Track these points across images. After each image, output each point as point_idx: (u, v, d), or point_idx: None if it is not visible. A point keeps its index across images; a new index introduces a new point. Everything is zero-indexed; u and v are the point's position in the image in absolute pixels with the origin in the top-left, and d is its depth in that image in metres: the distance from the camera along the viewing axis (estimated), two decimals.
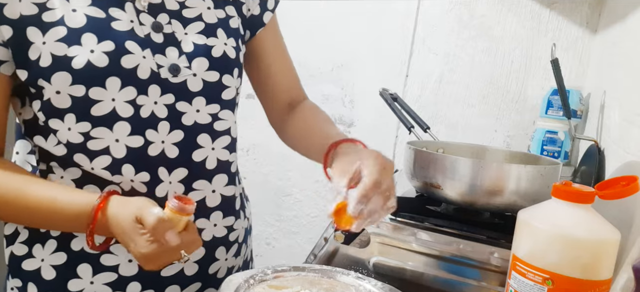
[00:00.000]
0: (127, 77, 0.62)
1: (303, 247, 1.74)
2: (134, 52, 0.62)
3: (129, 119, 0.63)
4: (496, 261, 0.74)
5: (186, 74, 0.66)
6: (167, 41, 0.65)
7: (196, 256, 0.71)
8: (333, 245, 0.82)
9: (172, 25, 0.66)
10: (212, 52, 0.68)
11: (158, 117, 0.65)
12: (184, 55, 0.66)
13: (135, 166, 0.65)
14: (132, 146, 0.64)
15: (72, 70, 0.59)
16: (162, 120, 0.65)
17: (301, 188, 1.72)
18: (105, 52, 0.60)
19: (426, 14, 1.50)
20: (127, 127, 0.63)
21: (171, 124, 0.66)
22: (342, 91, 1.62)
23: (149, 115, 0.64)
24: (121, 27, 0.62)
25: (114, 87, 0.61)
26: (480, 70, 1.45)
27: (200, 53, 0.67)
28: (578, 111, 1.25)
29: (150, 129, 0.64)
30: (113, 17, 0.62)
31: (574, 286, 0.51)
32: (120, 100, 0.62)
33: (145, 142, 0.64)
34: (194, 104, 0.67)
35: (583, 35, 1.35)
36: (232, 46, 0.71)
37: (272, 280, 0.62)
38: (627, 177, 0.53)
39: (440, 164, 0.81)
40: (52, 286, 0.67)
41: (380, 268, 0.80)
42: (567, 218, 0.53)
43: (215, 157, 0.71)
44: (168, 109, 0.65)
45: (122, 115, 0.63)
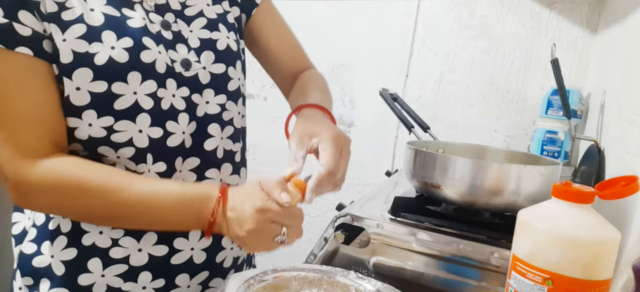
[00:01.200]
0: (146, 72, 0.65)
1: (303, 247, 1.74)
2: (150, 48, 0.65)
3: (149, 111, 0.66)
4: (496, 261, 0.74)
5: (197, 68, 0.69)
6: (176, 38, 0.69)
7: (204, 244, 0.74)
8: (333, 245, 0.82)
9: (178, 23, 0.70)
10: (217, 45, 0.72)
11: (177, 109, 0.68)
12: (192, 51, 0.70)
13: (154, 156, 0.68)
14: (154, 136, 0.67)
15: (94, 67, 0.61)
16: (182, 112, 0.68)
17: None
18: (125, 48, 0.63)
19: (426, 14, 1.50)
20: (148, 118, 0.66)
21: (189, 115, 0.69)
22: (342, 91, 1.62)
23: (168, 107, 0.67)
24: (136, 25, 0.65)
25: (135, 81, 0.64)
26: (480, 70, 1.46)
27: (206, 47, 0.71)
28: (578, 111, 1.25)
29: (170, 120, 0.68)
30: (127, 16, 0.65)
31: (574, 286, 0.51)
32: (141, 94, 0.65)
33: (165, 133, 0.67)
34: (205, 95, 0.71)
35: (583, 35, 1.35)
36: (233, 39, 0.75)
37: (272, 280, 0.62)
38: (627, 177, 0.53)
39: (440, 164, 0.81)
40: (64, 281, 0.68)
41: (380, 268, 0.79)
42: (567, 218, 0.53)
43: (223, 147, 0.74)
44: (185, 102, 0.69)
45: (144, 108, 0.65)
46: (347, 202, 1.01)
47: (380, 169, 1.57)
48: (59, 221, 0.68)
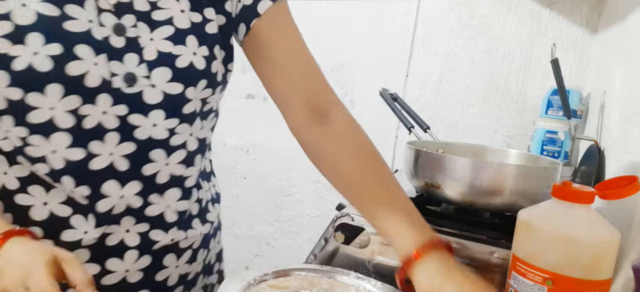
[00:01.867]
0: (71, 85, 0.56)
1: (303, 247, 1.74)
2: (83, 58, 0.56)
3: (69, 130, 0.58)
4: (496, 261, 0.74)
5: (143, 85, 0.60)
6: (128, 46, 0.59)
7: (141, 265, 0.67)
8: (333, 245, 0.82)
9: (138, 28, 0.60)
10: (177, 61, 0.62)
11: (106, 128, 0.59)
12: (144, 64, 0.60)
13: (75, 179, 0.60)
14: (72, 158, 0.59)
15: (12, 72, 0.54)
16: (111, 132, 0.60)
17: (301, 188, 1.72)
18: (51, 56, 0.54)
19: (426, 14, 1.50)
20: (66, 138, 0.58)
21: (122, 135, 0.60)
22: (342, 91, 1.62)
23: (94, 126, 0.59)
24: (75, 28, 0.56)
25: (54, 95, 0.56)
26: (480, 70, 1.46)
27: (163, 62, 0.61)
28: (578, 111, 1.25)
29: (95, 140, 0.59)
30: (68, 16, 0.56)
31: (574, 286, 0.51)
32: (60, 110, 0.57)
33: (88, 155, 0.59)
34: (151, 117, 0.61)
35: (583, 35, 1.35)
36: (202, 56, 0.64)
37: (272, 280, 0.62)
38: (627, 177, 0.53)
39: (440, 164, 0.81)
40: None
41: (380, 268, 0.79)
42: (567, 218, 0.53)
43: (169, 172, 0.66)
44: (119, 120, 0.60)
45: (60, 126, 0.57)
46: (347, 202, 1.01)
47: None
48: None
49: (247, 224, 1.81)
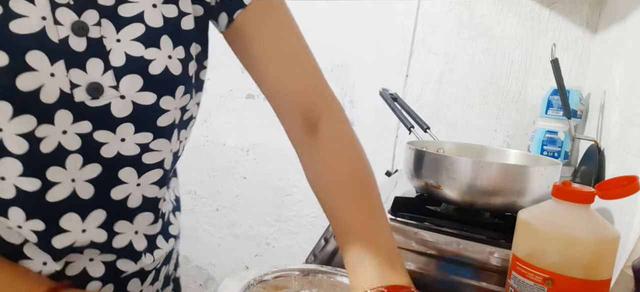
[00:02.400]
0: (22, 103, 0.45)
1: (303, 247, 1.74)
2: (37, 69, 0.45)
3: (21, 156, 0.47)
4: (496, 261, 0.74)
5: (111, 96, 0.50)
6: (90, 49, 0.48)
7: (107, 290, 0.58)
8: (333, 245, 0.82)
9: (102, 27, 0.49)
10: (150, 68, 0.51)
11: (67, 150, 0.49)
12: (110, 71, 0.49)
13: (26, 211, 0.50)
14: (25, 188, 0.48)
15: None
16: (73, 154, 0.50)
17: (301, 188, 1.72)
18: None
19: (426, 14, 1.50)
20: (17, 166, 0.47)
21: (85, 157, 0.50)
22: (342, 91, 1.62)
23: (52, 149, 0.48)
24: (24, 30, 0.44)
25: (2, 116, 0.45)
26: (480, 70, 1.46)
27: (133, 69, 0.51)
28: (578, 111, 1.25)
29: (54, 166, 0.49)
30: (15, 14, 0.44)
31: (574, 286, 0.51)
32: (9, 133, 0.46)
33: (45, 185, 0.49)
34: (119, 132, 0.52)
35: (583, 35, 1.35)
36: (178, 58, 0.54)
37: (272, 280, 0.62)
38: (627, 177, 0.53)
39: (440, 164, 0.81)
40: None
41: None
42: (567, 218, 0.53)
43: (141, 194, 0.57)
44: (82, 140, 0.50)
45: (11, 151, 0.46)
46: None
47: (380, 169, 1.56)
48: None
49: (247, 224, 1.81)
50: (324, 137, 0.61)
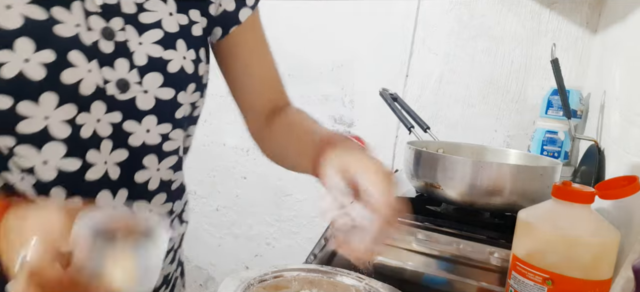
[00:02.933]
0: (66, 94, 0.53)
1: (303, 247, 1.74)
2: (77, 65, 0.53)
3: (65, 140, 0.55)
4: (496, 261, 0.74)
5: (136, 91, 0.58)
6: (117, 51, 0.56)
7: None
8: (333, 245, 0.82)
9: (126, 32, 0.57)
10: (168, 67, 0.60)
11: (101, 136, 0.57)
12: (135, 69, 0.58)
13: (67, 190, 0.57)
14: (66, 169, 0.56)
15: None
16: (105, 139, 0.58)
17: (301, 188, 1.72)
18: (44, 64, 0.51)
19: (426, 14, 1.50)
20: (61, 148, 0.55)
21: (114, 143, 0.59)
22: (342, 91, 1.62)
23: (90, 135, 0.56)
24: (65, 33, 0.52)
25: (49, 104, 0.53)
26: (480, 70, 1.46)
27: (154, 67, 0.59)
28: (578, 111, 1.25)
29: (91, 149, 0.57)
30: (56, 20, 0.52)
31: (574, 286, 0.51)
32: (55, 119, 0.54)
33: (84, 165, 0.57)
34: (144, 123, 0.60)
35: (583, 35, 1.35)
36: (191, 59, 0.63)
37: (272, 280, 0.62)
38: (627, 177, 0.53)
39: (440, 164, 0.81)
40: None
41: (380, 268, 0.79)
42: (567, 218, 0.53)
43: (159, 177, 0.65)
44: (113, 128, 0.58)
45: (55, 136, 0.54)
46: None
47: None
48: None
49: (247, 224, 1.81)
50: (289, 110, 0.75)
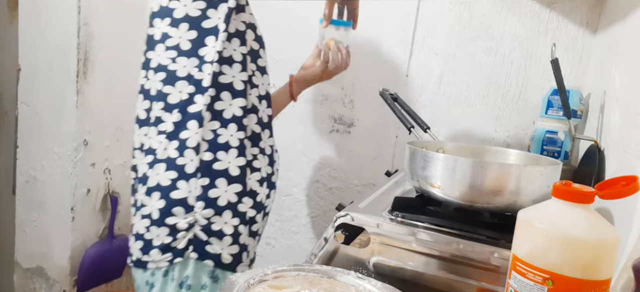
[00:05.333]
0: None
1: (303, 247, 1.74)
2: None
3: (269, 122, 1.10)
4: (496, 261, 0.74)
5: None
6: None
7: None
8: (333, 245, 0.82)
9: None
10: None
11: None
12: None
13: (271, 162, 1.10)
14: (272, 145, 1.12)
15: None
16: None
17: (301, 188, 1.72)
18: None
19: (426, 14, 1.50)
20: (268, 132, 1.10)
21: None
22: (342, 91, 1.62)
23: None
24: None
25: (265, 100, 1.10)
26: (480, 70, 1.46)
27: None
28: (578, 111, 1.25)
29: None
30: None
31: (574, 286, 0.51)
32: (265, 112, 1.09)
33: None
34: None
35: (583, 35, 1.35)
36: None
37: (272, 280, 0.62)
38: (627, 177, 0.53)
39: (440, 164, 0.81)
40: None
41: (380, 268, 0.79)
42: (567, 218, 0.53)
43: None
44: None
45: (267, 124, 1.10)
46: (347, 202, 1.01)
47: (380, 169, 1.56)
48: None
49: None
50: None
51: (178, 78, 0.95)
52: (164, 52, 0.96)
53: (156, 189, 0.95)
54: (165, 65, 0.96)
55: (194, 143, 0.93)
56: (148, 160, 0.97)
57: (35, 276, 1.77)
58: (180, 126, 0.94)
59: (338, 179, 1.67)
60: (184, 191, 0.94)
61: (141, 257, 0.97)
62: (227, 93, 0.96)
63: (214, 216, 0.95)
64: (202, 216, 0.94)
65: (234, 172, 0.96)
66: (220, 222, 0.95)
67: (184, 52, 0.95)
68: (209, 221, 0.94)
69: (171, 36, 0.96)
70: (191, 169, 0.94)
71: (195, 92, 0.94)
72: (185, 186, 0.94)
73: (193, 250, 0.94)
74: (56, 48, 1.61)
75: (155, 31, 0.98)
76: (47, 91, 1.66)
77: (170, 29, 0.96)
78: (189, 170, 0.94)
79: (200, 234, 0.94)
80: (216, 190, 0.95)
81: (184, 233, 0.94)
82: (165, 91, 0.96)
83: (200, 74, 0.94)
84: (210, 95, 0.94)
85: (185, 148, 0.94)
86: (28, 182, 1.73)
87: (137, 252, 0.98)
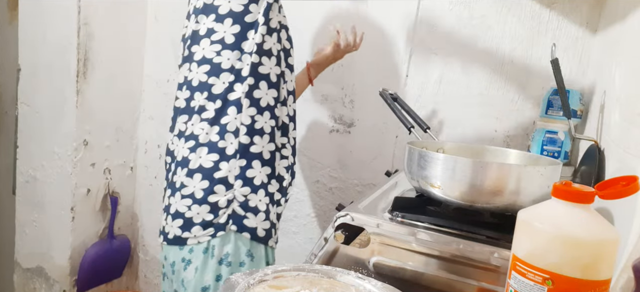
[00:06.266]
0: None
1: (303, 247, 1.74)
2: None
3: (294, 116, 1.20)
4: (496, 261, 0.74)
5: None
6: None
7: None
8: (333, 245, 0.82)
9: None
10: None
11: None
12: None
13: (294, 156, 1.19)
14: (295, 137, 1.22)
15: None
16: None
17: (301, 188, 1.72)
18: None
19: (426, 14, 1.50)
20: (293, 126, 1.20)
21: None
22: (342, 91, 1.62)
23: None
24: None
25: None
26: (480, 70, 1.46)
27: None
28: (578, 111, 1.25)
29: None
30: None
31: (574, 286, 0.51)
32: (292, 106, 1.18)
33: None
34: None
35: (583, 35, 1.35)
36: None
37: (272, 280, 0.62)
38: (627, 177, 0.53)
39: (440, 164, 0.81)
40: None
41: (380, 268, 0.79)
42: (567, 218, 0.53)
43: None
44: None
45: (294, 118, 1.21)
46: (347, 202, 1.01)
47: (380, 169, 1.56)
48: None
49: None
50: None
51: (222, 70, 1.04)
52: (209, 46, 1.05)
53: (198, 171, 1.04)
54: (210, 58, 1.05)
55: (234, 128, 1.04)
56: (189, 145, 1.06)
57: (35, 276, 1.77)
58: (221, 113, 1.05)
59: (338, 179, 1.67)
60: (224, 170, 1.04)
61: (180, 234, 1.05)
62: (264, 83, 1.07)
63: (250, 194, 1.05)
64: (240, 193, 1.05)
65: (266, 156, 1.08)
66: (255, 199, 1.06)
67: (228, 46, 1.04)
68: (246, 198, 1.05)
69: (216, 31, 1.05)
70: (231, 151, 1.04)
71: (235, 80, 1.04)
72: (226, 166, 1.04)
73: (233, 223, 1.04)
74: (56, 48, 1.61)
75: (200, 27, 1.07)
76: (47, 91, 1.66)
77: (215, 25, 1.05)
78: (229, 152, 1.04)
79: (238, 210, 1.05)
80: (252, 170, 1.06)
81: (224, 209, 1.04)
82: (210, 82, 1.05)
83: (240, 64, 1.05)
84: (249, 84, 1.05)
85: (225, 132, 1.04)
86: (28, 182, 1.73)
87: (175, 230, 1.06)
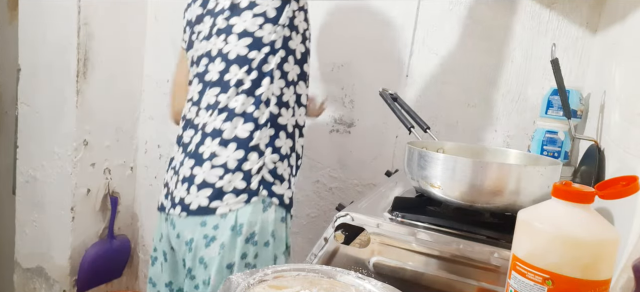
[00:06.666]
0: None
1: (303, 247, 1.74)
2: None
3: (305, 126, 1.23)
4: (496, 261, 0.74)
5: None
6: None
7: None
8: (333, 245, 0.82)
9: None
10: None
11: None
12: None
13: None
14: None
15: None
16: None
17: (301, 188, 1.72)
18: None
19: (426, 14, 1.50)
20: (300, 131, 1.22)
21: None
22: (342, 91, 1.62)
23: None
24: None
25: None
26: (480, 70, 1.46)
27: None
28: (578, 111, 1.25)
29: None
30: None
31: (574, 286, 0.51)
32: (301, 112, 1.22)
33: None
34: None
35: (583, 35, 1.35)
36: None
37: (272, 280, 0.62)
38: (627, 177, 0.53)
39: (440, 164, 0.81)
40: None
41: (380, 268, 0.79)
42: (567, 218, 0.53)
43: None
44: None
45: (302, 127, 1.22)
46: (347, 202, 1.01)
47: (380, 169, 1.56)
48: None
49: None
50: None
51: (263, 44, 1.07)
52: (251, 19, 1.07)
53: (233, 140, 1.07)
54: (252, 32, 1.07)
55: (266, 98, 1.08)
56: (223, 117, 1.08)
57: (35, 276, 1.77)
58: (256, 84, 1.08)
59: (338, 179, 1.67)
60: (256, 139, 1.08)
61: (208, 204, 1.06)
62: (291, 57, 1.11)
63: (278, 162, 1.11)
64: (270, 159, 1.09)
65: (289, 129, 1.13)
66: (281, 167, 1.11)
67: (270, 20, 1.07)
68: (275, 165, 1.10)
69: (258, 4, 1.06)
70: (263, 120, 1.08)
71: (270, 52, 1.08)
72: (258, 134, 1.08)
73: (263, 188, 1.08)
74: (56, 48, 1.61)
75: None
76: (47, 91, 1.66)
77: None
78: (261, 121, 1.08)
79: (267, 176, 1.09)
80: (279, 140, 1.11)
81: (255, 176, 1.08)
82: (250, 56, 1.07)
83: (274, 36, 1.08)
84: (281, 57, 1.09)
85: (260, 102, 1.08)
86: (28, 182, 1.73)
87: (200, 199, 1.07)
